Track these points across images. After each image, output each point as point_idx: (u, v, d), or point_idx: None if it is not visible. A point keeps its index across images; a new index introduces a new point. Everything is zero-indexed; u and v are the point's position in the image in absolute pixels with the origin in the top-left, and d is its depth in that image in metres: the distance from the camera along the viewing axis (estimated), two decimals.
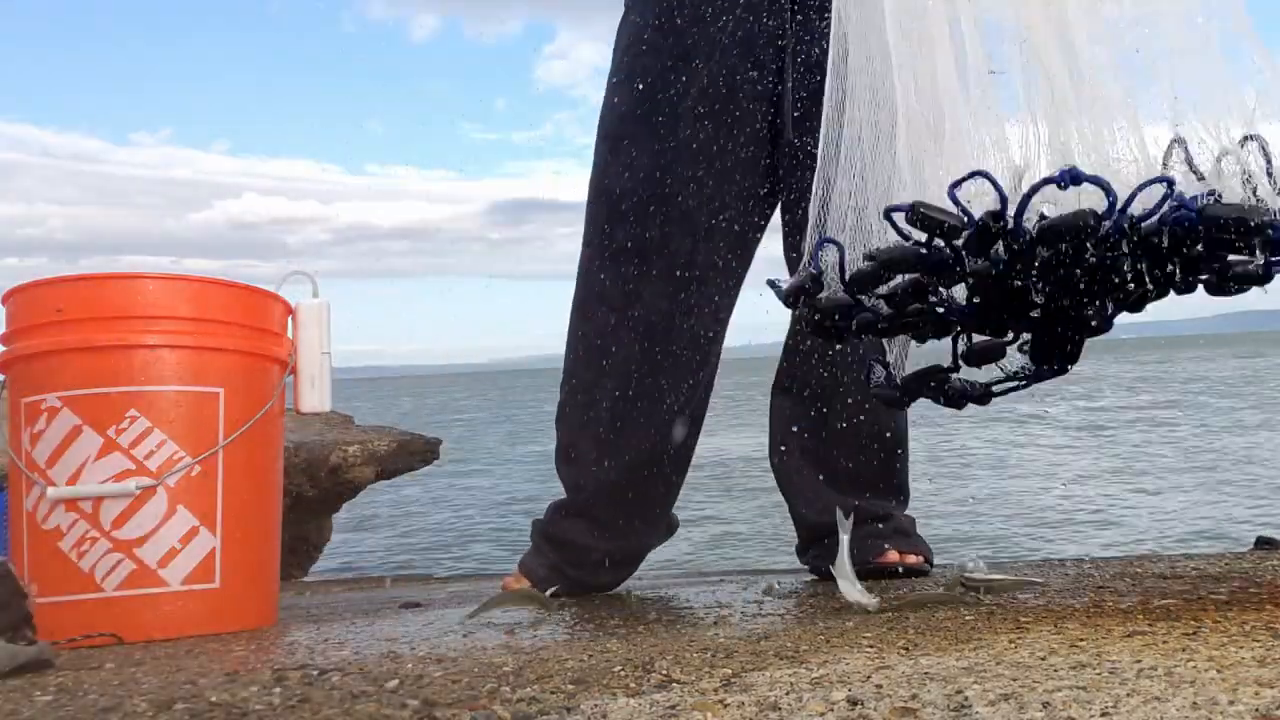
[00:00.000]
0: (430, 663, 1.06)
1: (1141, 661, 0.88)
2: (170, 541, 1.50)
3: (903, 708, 0.76)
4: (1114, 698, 0.76)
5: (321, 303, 1.71)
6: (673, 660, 0.99)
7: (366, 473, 3.78)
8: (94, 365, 1.51)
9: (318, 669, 1.04)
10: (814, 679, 0.87)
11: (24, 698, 1.00)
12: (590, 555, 1.68)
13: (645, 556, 1.78)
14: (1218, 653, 0.91)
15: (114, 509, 1.48)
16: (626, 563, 1.74)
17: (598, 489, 1.67)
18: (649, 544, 1.76)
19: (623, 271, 1.63)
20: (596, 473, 1.66)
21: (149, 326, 1.54)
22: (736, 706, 0.79)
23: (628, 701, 0.82)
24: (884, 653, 0.99)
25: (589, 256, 1.67)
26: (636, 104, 1.62)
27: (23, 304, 1.57)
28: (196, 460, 1.52)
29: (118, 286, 1.55)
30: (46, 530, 1.49)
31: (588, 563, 1.68)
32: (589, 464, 1.66)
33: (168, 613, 1.49)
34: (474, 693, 0.88)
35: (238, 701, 0.90)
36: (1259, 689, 0.77)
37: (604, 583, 1.73)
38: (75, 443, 1.49)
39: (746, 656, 1.00)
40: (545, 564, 1.69)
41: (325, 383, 1.69)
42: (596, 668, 0.98)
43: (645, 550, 1.77)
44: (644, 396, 1.63)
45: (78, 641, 1.42)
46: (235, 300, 1.62)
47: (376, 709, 0.85)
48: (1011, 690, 0.79)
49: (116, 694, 0.98)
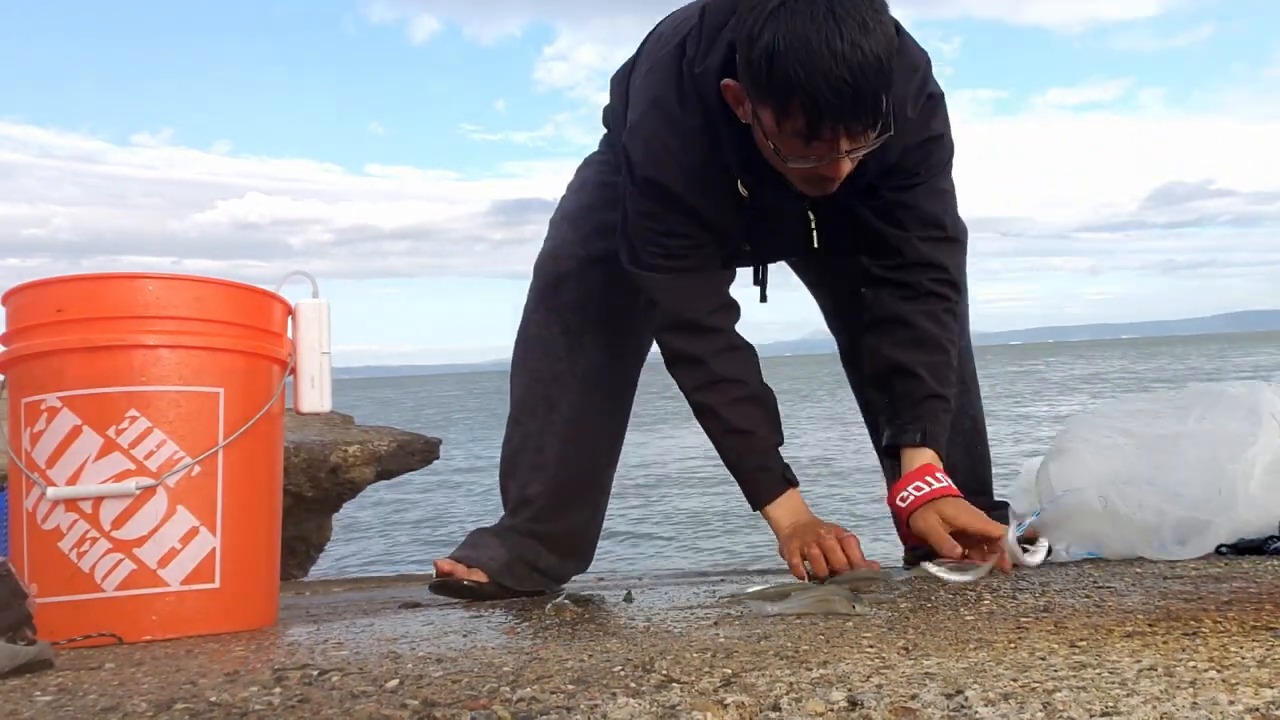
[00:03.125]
0: (430, 663, 1.06)
1: (1141, 661, 0.88)
2: (170, 541, 1.50)
3: (903, 708, 0.76)
4: (1114, 698, 0.76)
5: (321, 303, 1.71)
6: (673, 660, 0.99)
7: (366, 473, 3.77)
8: (94, 365, 1.51)
9: (318, 669, 1.05)
10: (814, 679, 0.87)
11: (24, 698, 1.00)
12: (539, 560, 1.86)
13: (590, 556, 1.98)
14: (1218, 653, 0.91)
15: (114, 509, 1.48)
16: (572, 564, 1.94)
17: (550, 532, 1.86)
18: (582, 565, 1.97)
19: (567, 324, 1.85)
20: (550, 521, 1.86)
21: (149, 326, 1.53)
22: (736, 706, 0.79)
23: (628, 701, 0.82)
24: (884, 653, 0.99)
25: (534, 312, 1.89)
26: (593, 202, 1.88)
27: (23, 304, 1.57)
28: (196, 460, 1.52)
29: (118, 286, 1.55)
30: (46, 530, 1.49)
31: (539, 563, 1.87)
32: (540, 509, 1.85)
33: (168, 613, 1.49)
34: (474, 693, 0.88)
35: (238, 701, 0.90)
36: (1259, 689, 0.77)
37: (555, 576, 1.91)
38: (75, 443, 1.49)
39: (746, 656, 1.00)
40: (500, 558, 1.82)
41: (325, 383, 1.69)
42: (596, 668, 0.98)
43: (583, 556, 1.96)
44: (586, 439, 1.86)
45: (78, 641, 1.42)
46: (235, 300, 1.62)
47: (376, 709, 0.85)
48: (1011, 690, 0.79)
49: (116, 694, 0.98)
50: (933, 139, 1.64)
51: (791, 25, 1.34)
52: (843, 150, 1.43)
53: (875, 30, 1.35)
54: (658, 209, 1.63)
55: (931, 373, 1.68)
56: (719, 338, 1.69)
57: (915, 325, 1.68)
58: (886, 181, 1.64)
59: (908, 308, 1.69)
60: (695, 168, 1.60)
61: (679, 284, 1.67)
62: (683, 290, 1.67)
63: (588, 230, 1.86)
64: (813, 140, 1.42)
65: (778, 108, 1.40)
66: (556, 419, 1.85)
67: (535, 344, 1.88)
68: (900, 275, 1.70)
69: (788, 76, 1.35)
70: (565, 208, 1.93)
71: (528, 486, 1.86)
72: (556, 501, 1.85)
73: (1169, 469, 1.65)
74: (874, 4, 1.37)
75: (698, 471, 10.12)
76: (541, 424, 1.86)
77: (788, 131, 1.43)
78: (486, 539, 1.85)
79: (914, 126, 1.59)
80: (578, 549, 1.92)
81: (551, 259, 1.88)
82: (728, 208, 1.63)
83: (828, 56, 1.32)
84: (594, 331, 1.86)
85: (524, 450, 1.87)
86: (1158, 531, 1.62)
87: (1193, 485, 1.61)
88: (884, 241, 1.70)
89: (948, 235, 1.71)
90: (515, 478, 1.88)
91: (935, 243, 1.70)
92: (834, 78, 1.33)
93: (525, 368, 1.89)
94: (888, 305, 1.71)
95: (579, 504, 1.88)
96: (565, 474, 1.85)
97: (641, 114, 1.63)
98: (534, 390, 1.87)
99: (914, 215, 1.68)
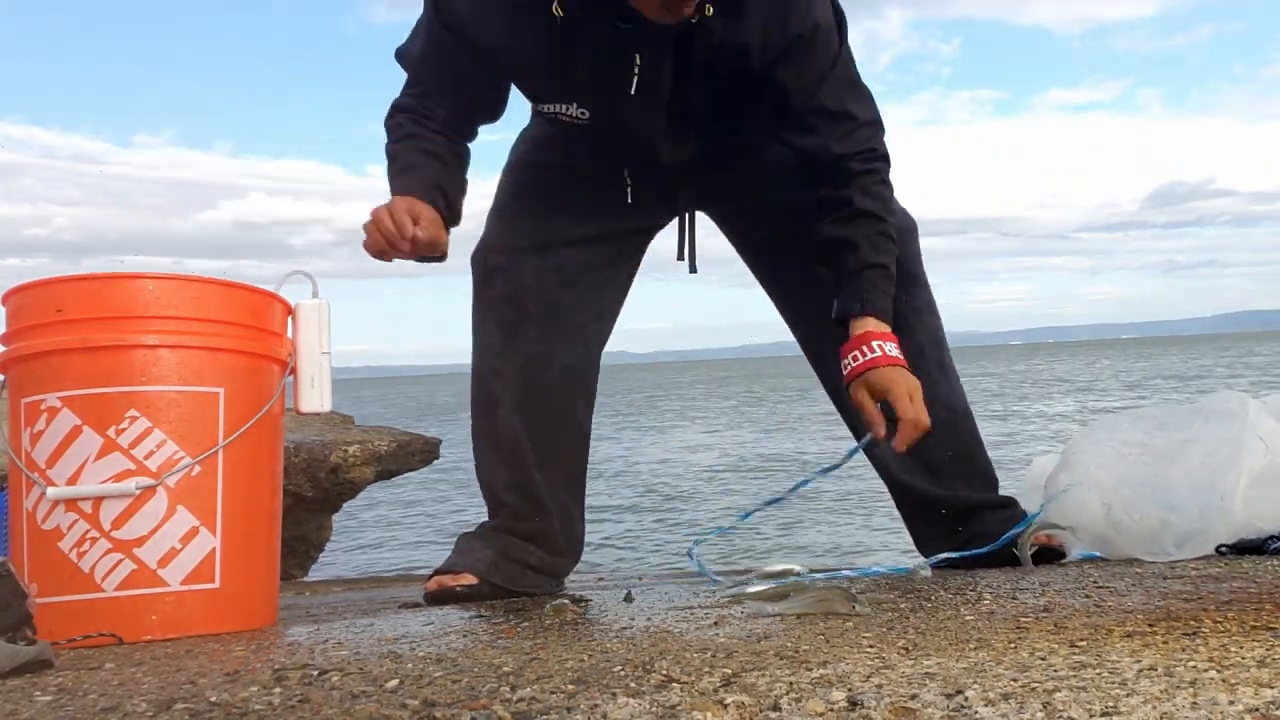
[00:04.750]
0: (430, 663, 1.06)
1: (1141, 661, 0.88)
2: (170, 541, 1.50)
3: (903, 708, 0.76)
4: (1114, 698, 0.76)
5: (321, 303, 1.71)
6: (673, 660, 0.99)
7: (366, 473, 3.77)
8: (94, 365, 1.51)
9: (318, 669, 1.04)
10: (814, 679, 0.87)
11: (24, 698, 1.00)
12: (529, 557, 1.83)
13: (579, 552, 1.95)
14: (1218, 653, 0.91)
15: (114, 509, 1.48)
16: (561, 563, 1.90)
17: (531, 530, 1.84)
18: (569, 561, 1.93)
19: (502, 318, 1.85)
20: (527, 518, 1.84)
21: (149, 326, 1.53)
22: (736, 706, 0.79)
23: (628, 701, 0.82)
24: (884, 653, 0.99)
25: (473, 311, 1.90)
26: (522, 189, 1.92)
27: (23, 304, 1.57)
28: (196, 460, 1.52)
29: (118, 286, 1.55)
30: (46, 530, 1.49)
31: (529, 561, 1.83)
32: (515, 508, 1.84)
33: (168, 613, 1.48)
34: (474, 693, 0.88)
35: (238, 701, 0.90)
36: (1259, 689, 0.77)
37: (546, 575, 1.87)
38: (75, 443, 1.49)
39: (746, 656, 1.00)
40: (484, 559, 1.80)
41: (325, 383, 1.69)
42: (596, 668, 0.98)
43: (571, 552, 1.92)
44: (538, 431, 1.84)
45: (78, 641, 1.42)
46: (235, 300, 1.62)
47: (376, 709, 0.85)
48: (1011, 690, 0.79)
49: (116, 694, 0.98)
50: (807, 33, 1.61)
51: None
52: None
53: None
54: (434, 47, 1.70)
55: (869, 242, 1.69)
56: (428, 120, 1.74)
57: (850, 201, 1.70)
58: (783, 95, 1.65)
59: (841, 191, 1.71)
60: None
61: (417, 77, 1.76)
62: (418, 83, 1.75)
63: (515, 222, 1.88)
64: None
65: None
66: (503, 414, 1.83)
67: (475, 342, 1.89)
68: (829, 172, 1.71)
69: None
70: (497, 199, 1.95)
71: (495, 487, 1.85)
72: (525, 498, 1.83)
73: (1168, 481, 1.68)
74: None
75: (699, 472, 10.12)
76: (491, 422, 1.84)
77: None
78: (472, 542, 1.83)
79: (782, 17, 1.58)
80: (566, 542, 1.89)
81: (480, 254, 1.89)
82: (532, 29, 1.59)
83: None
84: (528, 321, 1.84)
85: (484, 450, 1.86)
86: (1158, 540, 1.65)
87: (1186, 499, 1.66)
88: (806, 154, 1.71)
89: (861, 120, 1.72)
90: (484, 479, 1.87)
91: (851, 134, 1.70)
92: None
93: (472, 367, 1.90)
94: (823, 195, 1.73)
95: (551, 497, 1.85)
96: (524, 470, 1.83)
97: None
98: (480, 389, 1.86)
99: (823, 116, 1.69)
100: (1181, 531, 1.64)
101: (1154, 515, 1.66)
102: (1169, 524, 1.65)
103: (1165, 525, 1.65)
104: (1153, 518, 1.66)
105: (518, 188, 1.92)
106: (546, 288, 1.85)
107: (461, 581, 1.76)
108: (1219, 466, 1.66)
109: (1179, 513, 1.64)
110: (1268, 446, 1.68)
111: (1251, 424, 1.70)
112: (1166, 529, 1.65)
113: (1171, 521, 1.65)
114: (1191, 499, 1.65)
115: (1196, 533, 1.63)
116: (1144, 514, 1.67)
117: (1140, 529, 1.67)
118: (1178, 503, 1.65)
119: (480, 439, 1.87)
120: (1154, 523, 1.66)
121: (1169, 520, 1.65)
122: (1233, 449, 1.67)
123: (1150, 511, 1.67)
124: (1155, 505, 1.67)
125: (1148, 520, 1.67)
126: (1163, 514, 1.66)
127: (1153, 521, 1.66)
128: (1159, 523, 1.66)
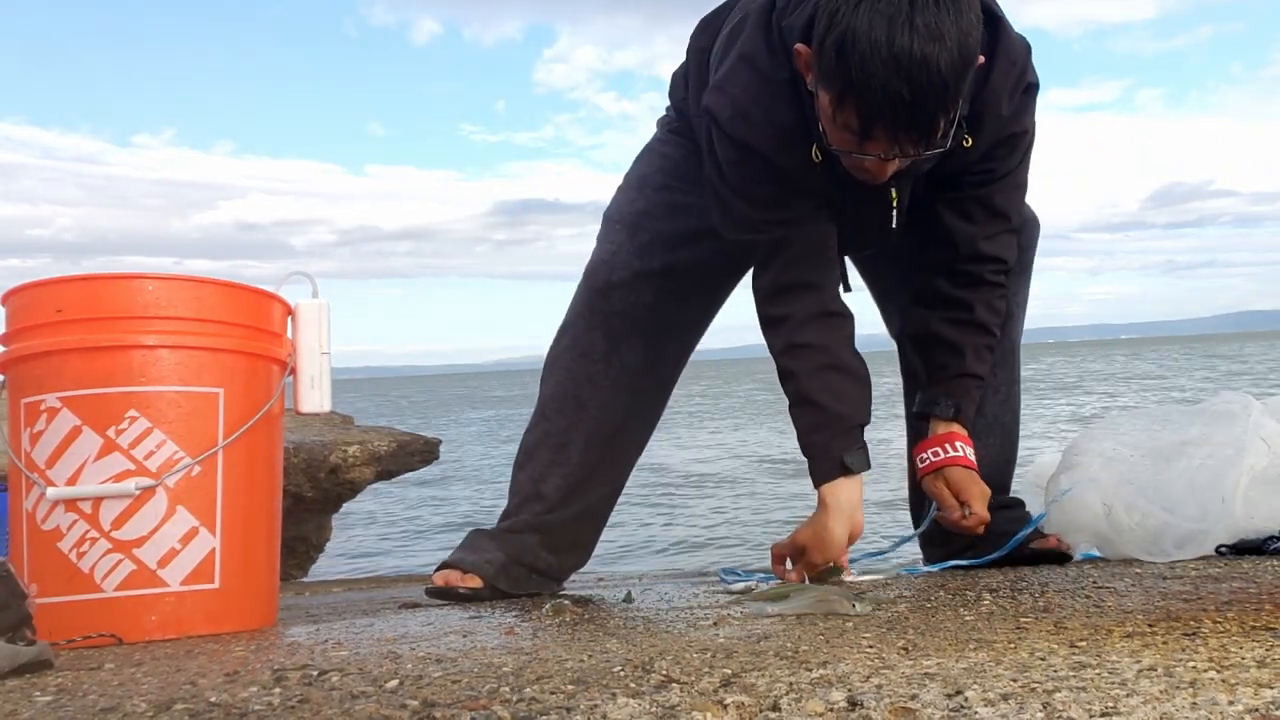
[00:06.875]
0: (430, 663, 1.06)
1: (1141, 661, 0.88)
2: (170, 542, 1.49)
3: (903, 708, 0.76)
4: (1114, 698, 0.76)
5: (321, 303, 1.71)
6: (673, 660, 0.99)
7: (366, 473, 3.77)
8: (93, 365, 1.51)
9: (318, 669, 1.04)
10: (814, 679, 0.87)
11: (24, 698, 1.00)
12: (538, 562, 1.85)
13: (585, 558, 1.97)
14: (1217, 653, 0.91)
15: (114, 509, 1.48)
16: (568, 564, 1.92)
17: (555, 526, 1.85)
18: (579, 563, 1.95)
19: (611, 329, 1.85)
20: (560, 513, 1.85)
21: (148, 326, 1.53)
22: (736, 707, 0.79)
23: (628, 701, 0.82)
24: (884, 653, 0.99)
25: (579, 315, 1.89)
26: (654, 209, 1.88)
27: (23, 304, 1.57)
28: (196, 460, 1.52)
29: (117, 286, 1.55)
30: (46, 530, 1.49)
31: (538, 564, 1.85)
32: (552, 503, 1.85)
33: (167, 613, 1.48)
34: (474, 693, 0.88)
35: (238, 702, 0.90)
36: (1258, 689, 0.77)
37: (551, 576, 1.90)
38: (75, 443, 1.49)
39: (746, 656, 1.00)
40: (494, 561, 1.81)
41: (325, 383, 1.69)
42: (596, 668, 0.98)
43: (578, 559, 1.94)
44: (612, 440, 1.87)
45: (77, 642, 1.42)
46: (235, 300, 1.61)
47: (376, 709, 0.84)
48: (1011, 690, 0.79)
49: (116, 694, 0.98)
50: (1019, 134, 1.64)
51: (870, 21, 1.32)
52: (890, 155, 1.44)
53: (950, 38, 1.31)
54: (745, 171, 1.61)
55: (975, 353, 1.74)
56: (811, 299, 1.67)
57: (972, 309, 1.73)
58: (968, 174, 1.66)
59: (965, 294, 1.73)
60: (784, 127, 1.56)
61: (773, 242, 1.66)
62: (777, 248, 1.67)
63: (645, 241, 1.85)
64: (864, 140, 1.42)
65: (837, 98, 1.40)
66: (585, 418, 1.85)
67: (575, 346, 1.88)
68: (962, 266, 1.73)
69: (849, 74, 1.34)
70: (623, 209, 1.91)
71: (543, 481, 1.85)
72: (570, 498, 1.85)
73: (1169, 482, 1.69)
74: (959, 3, 1.34)
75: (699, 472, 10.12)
76: (569, 422, 1.86)
77: (840, 123, 1.43)
78: (483, 541, 1.84)
79: (1006, 121, 1.60)
80: (579, 546, 1.92)
81: (605, 267, 1.87)
82: (810, 172, 1.60)
83: (892, 67, 1.31)
84: (637, 336, 1.86)
85: (544, 446, 1.87)
86: (1158, 540, 1.66)
87: (1186, 500, 1.67)
88: (951, 235, 1.72)
89: (1011, 228, 1.74)
90: (529, 470, 1.87)
91: (998, 236, 1.73)
92: (892, 91, 1.32)
93: (559, 367, 1.89)
94: (944, 289, 1.74)
95: (591, 503, 1.88)
96: (584, 473, 1.85)
97: (729, 68, 1.59)
98: (565, 389, 1.87)
99: (985, 210, 1.70)
100: (1182, 532, 1.65)
101: (1154, 516, 1.67)
102: (1169, 524, 1.66)
103: (1166, 526, 1.66)
104: (1153, 518, 1.67)
105: (650, 205, 1.88)
106: (663, 303, 1.86)
107: (467, 583, 1.78)
108: (1220, 467, 1.67)
109: (1179, 513, 1.65)
110: (1269, 448, 1.68)
111: (1254, 425, 1.70)
112: (1167, 529, 1.66)
113: (1172, 522, 1.65)
114: (1192, 499, 1.66)
115: (1197, 533, 1.64)
116: (1144, 514, 1.68)
117: (1141, 529, 1.68)
118: (1178, 503, 1.66)
119: (542, 434, 1.87)
120: (1154, 523, 1.67)
121: (1169, 521, 1.66)
122: (1234, 450, 1.67)
123: (1151, 512, 1.67)
124: (1156, 506, 1.68)
125: (1148, 521, 1.67)
126: (1163, 514, 1.66)
127: (1153, 522, 1.67)
128: (1159, 523, 1.66)
